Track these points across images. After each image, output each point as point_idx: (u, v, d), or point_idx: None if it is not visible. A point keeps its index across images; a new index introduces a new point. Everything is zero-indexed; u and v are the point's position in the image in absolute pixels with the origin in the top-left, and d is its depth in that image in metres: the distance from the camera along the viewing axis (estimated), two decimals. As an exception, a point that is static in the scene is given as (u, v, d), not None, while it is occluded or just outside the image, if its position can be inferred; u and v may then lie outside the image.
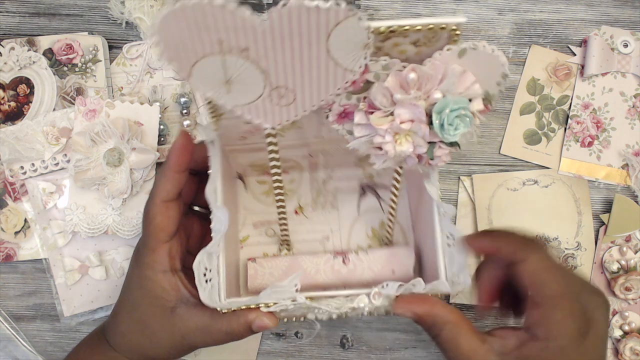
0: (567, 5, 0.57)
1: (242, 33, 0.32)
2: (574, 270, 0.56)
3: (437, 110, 0.35)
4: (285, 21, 0.32)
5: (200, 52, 0.33)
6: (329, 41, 0.33)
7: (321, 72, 0.35)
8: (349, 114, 0.37)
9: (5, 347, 0.57)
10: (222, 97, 0.35)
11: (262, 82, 0.35)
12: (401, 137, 0.36)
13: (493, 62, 0.35)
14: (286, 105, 0.36)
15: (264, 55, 0.33)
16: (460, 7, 0.57)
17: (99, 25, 0.56)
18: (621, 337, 0.57)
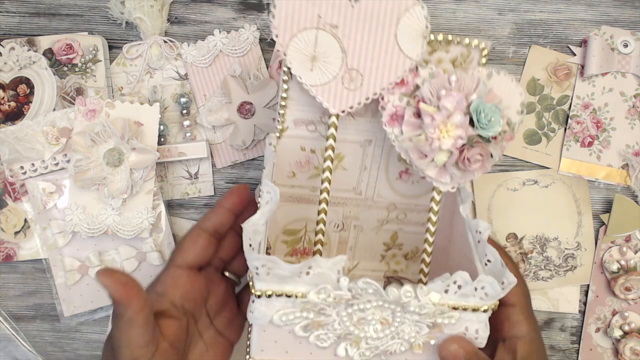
0: (567, 5, 0.57)
1: (337, 11, 0.41)
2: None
3: (474, 107, 0.41)
4: (370, 3, 0.41)
5: (302, 24, 0.41)
6: (398, 26, 0.42)
7: (387, 57, 0.42)
8: (399, 117, 0.43)
9: (5, 347, 0.57)
10: (305, 74, 0.43)
11: (340, 62, 0.42)
12: (444, 131, 0.41)
13: (513, 90, 0.43)
14: (354, 90, 0.43)
15: (348, 34, 0.42)
16: (460, 7, 0.57)
17: (99, 25, 0.56)
18: (621, 337, 0.57)
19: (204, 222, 0.45)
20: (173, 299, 0.43)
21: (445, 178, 0.43)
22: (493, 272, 0.41)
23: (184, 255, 0.44)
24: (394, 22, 0.42)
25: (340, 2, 0.41)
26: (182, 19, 0.56)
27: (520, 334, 0.43)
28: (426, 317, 0.39)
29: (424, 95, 0.42)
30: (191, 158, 0.56)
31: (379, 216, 0.54)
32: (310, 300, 0.37)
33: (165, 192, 0.57)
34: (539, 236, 0.57)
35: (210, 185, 0.57)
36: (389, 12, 0.41)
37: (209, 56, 0.55)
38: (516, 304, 0.44)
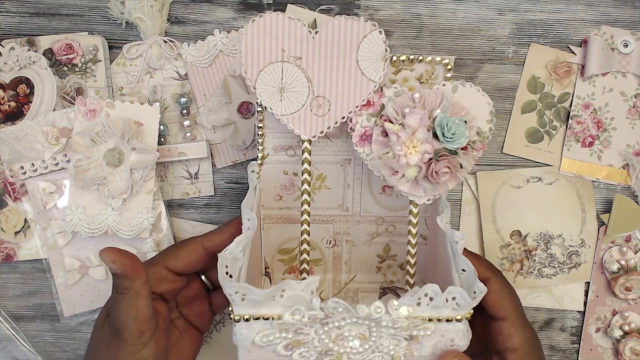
0: (567, 5, 0.57)
1: (299, 43, 0.45)
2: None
3: (438, 122, 0.43)
4: (329, 32, 0.44)
5: (268, 59, 0.45)
6: (359, 52, 0.45)
7: (351, 82, 0.45)
8: (369, 136, 0.45)
9: (5, 347, 0.57)
10: (275, 105, 0.46)
11: (307, 90, 0.45)
12: (410, 147, 0.43)
13: (480, 101, 0.46)
14: (322, 115, 0.46)
15: (312, 64, 0.45)
16: (460, 7, 0.57)
17: (99, 25, 0.56)
18: (621, 337, 0.57)
19: (206, 240, 0.48)
20: (155, 291, 0.46)
21: (419, 191, 0.45)
22: (467, 281, 0.42)
23: (176, 262, 0.47)
24: (354, 48, 0.45)
25: (302, 35, 0.45)
26: (182, 19, 0.56)
27: (513, 346, 0.44)
28: (401, 330, 0.40)
29: (389, 115, 0.44)
30: (191, 158, 0.56)
31: (368, 230, 0.56)
32: (285, 321, 0.39)
33: (165, 192, 0.57)
34: (543, 233, 0.57)
35: (210, 185, 0.57)
36: (349, 39, 0.44)
37: (209, 56, 0.55)
38: (507, 317, 0.45)
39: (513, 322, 0.44)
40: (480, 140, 0.46)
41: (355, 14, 0.56)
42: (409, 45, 0.57)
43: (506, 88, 0.57)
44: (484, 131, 0.46)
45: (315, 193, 0.54)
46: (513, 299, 0.46)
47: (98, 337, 0.44)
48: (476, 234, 0.58)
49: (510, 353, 0.44)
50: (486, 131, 0.46)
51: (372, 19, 0.57)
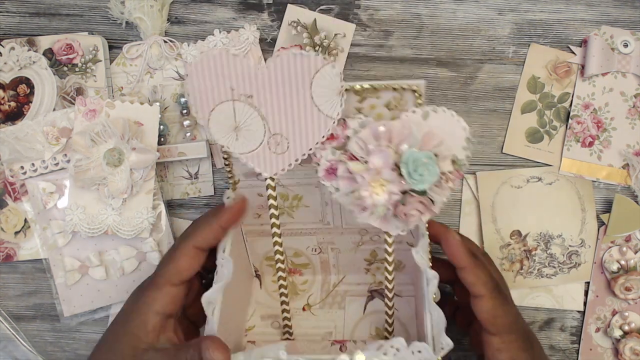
0: (567, 5, 0.57)
1: (248, 80, 0.41)
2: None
3: (404, 160, 0.40)
4: (279, 68, 0.41)
5: (217, 99, 0.42)
6: (312, 88, 0.41)
7: (308, 119, 0.42)
8: (335, 170, 0.42)
9: (5, 347, 0.57)
10: (232, 144, 0.43)
11: (263, 129, 0.43)
12: (377, 187, 0.40)
13: (455, 126, 0.41)
14: (281, 153, 0.44)
15: (264, 101, 0.42)
16: (460, 7, 0.57)
17: (99, 25, 0.56)
18: (621, 337, 0.57)
19: (199, 241, 0.46)
20: (169, 313, 0.46)
21: (390, 227, 0.43)
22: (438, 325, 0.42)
23: (180, 276, 0.46)
24: (306, 84, 0.41)
25: (249, 72, 0.41)
26: (182, 19, 0.56)
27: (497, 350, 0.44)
28: None
29: (353, 151, 0.41)
30: (191, 158, 0.56)
31: (353, 240, 0.56)
32: None
33: (165, 192, 0.57)
34: (543, 233, 0.57)
35: (210, 185, 0.57)
36: (299, 75, 0.41)
37: (209, 56, 0.55)
38: (497, 333, 0.45)
39: (503, 339, 0.45)
40: (456, 168, 0.42)
41: (356, 14, 0.56)
42: (409, 45, 0.57)
43: (506, 88, 0.57)
44: (460, 159, 0.42)
45: (293, 211, 0.54)
46: (507, 317, 0.45)
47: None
48: (476, 234, 0.58)
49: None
50: (462, 159, 0.42)
51: (372, 19, 0.57)
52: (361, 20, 0.57)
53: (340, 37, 0.56)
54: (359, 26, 0.57)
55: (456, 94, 0.57)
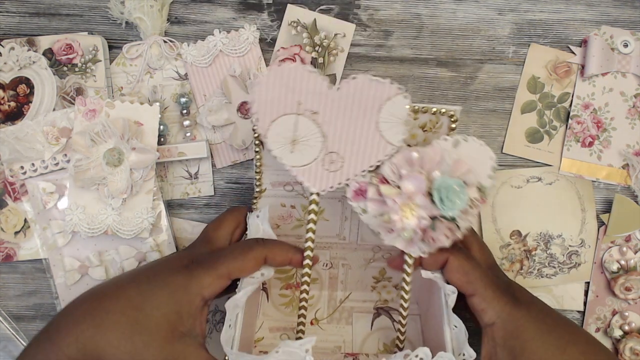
0: (567, 5, 0.57)
1: (317, 98, 0.41)
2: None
3: (436, 186, 0.41)
4: (351, 90, 0.41)
5: (282, 110, 0.42)
6: (380, 114, 0.41)
7: (368, 142, 0.42)
8: (364, 192, 0.43)
9: (5, 347, 0.57)
10: (285, 156, 0.43)
11: (320, 145, 0.43)
12: (407, 211, 0.41)
13: (483, 155, 0.43)
14: (334, 171, 0.43)
15: (329, 120, 0.42)
16: (460, 7, 0.57)
17: (99, 25, 0.56)
18: (621, 337, 0.57)
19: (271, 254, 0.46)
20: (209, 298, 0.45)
21: (414, 249, 0.43)
22: (458, 338, 0.43)
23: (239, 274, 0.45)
24: (375, 110, 0.42)
25: (321, 90, 0.41)
26: (182, 19, 0.56)
27: (490, 321, 0.44)
28: None
29: (386, 175, 0.42)
30: (191, 158, 0.56)
31: (365, 256, 0.57)
32: None
33: (165, 192, 0.57)
34: (543, 233, 0.57)
35: (210, 185, 0.57)
36: (371, 100, 0.41)
37: (208, 56, 0.55)
38: (474, 292, 0.44)
39: (482, 297, 0.44)
40: (481, 195, 0.43)
41: (356, 14, 0.56)
42: (409, 46, 0.57)
43: (506, 88, 0.57)
44: (485, 186, 0.43)
45: None
46: (476, 271, 0.45)
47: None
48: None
49: (490, 328, 0.44)
50: (487, 186, 0.43)
51: (372, 19, 0.57)
52: (361, 20, 0.57)
53: (340, 37, 0.56)
54: (359, 26, 0.57)
55: (456, 94, 0.57)
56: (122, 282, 0.45)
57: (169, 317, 0.42)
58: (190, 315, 0.43)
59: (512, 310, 0.44)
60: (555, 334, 0.44)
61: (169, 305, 0.42)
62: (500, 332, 0.43)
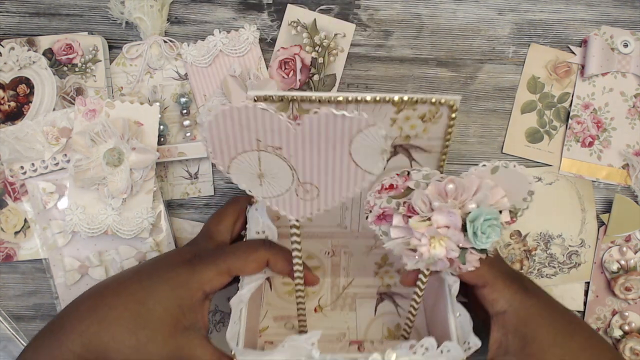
0: (567, 5, 0.57)
1: (277, 134, 0.37)
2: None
3: (471, 219, 0.38)
4: (315, 126, 0.36)
5: (240, 148, 0.38)
6: (351, 146, 0.37)
7: (343, 172, 0.39)
8: (387, 216, 0.41)
9: (5, 347, 0.57)
10: (255, 189, 0.40)
11: (291, 177, 0.40)
12: (436, 242, 0.39)
13: (522, 181, 0.40)
14: (310, 200, 0.41)
15: (294, 154, 0.38)
16: (460, 7, 0.57)
17: (99, 25, 0.56)
18: (621, 337, 0.57)
19: (273, 258, 0.46)
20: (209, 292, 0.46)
21: (436, 267, 0.42)
22: (462, 326, 0.43)
23: (240, 272, 0.46)
24: (345, 142, 0.37)
25: (280, 126, 0.37)
26: (182, 19, 0.56)
27: (502, 309, 0.44)
28: None
29: (416, 206, 0.39)
30: (191, 158, 0.56)
31: (367, 243, 0.56)
32: None
33: (165, 192, 0.57)
34: (543, 233, 0.57)
35: (210, 185, 0.57)
36: (339, 134, 0.37)
37: (209, 56, 0.55)
38: (485, 283, 0.44)
39: (493, 287, 0.44)
40: (511, 216, 0.41)
41: (356, 14, 0.56)
42: (409, 46, 0.57)
43: (506, 88, 0.57)
44: (518, 208, 0.41)
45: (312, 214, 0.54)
46: (485, 263, 0.43)
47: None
48: (476, 234, 0.58)
49: (501, 316, 0.44)
50: (520, 208, 0.41)
51: (372, 19, 0.57)
52: (361, 20, 0.57)
53: (340, 37, 0.56)
54: (359, 26, 0.57)
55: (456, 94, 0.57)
56: (124, 279, 0.45)
57: (171, 311, 0.42)
58: (192, 309, 0.43)
59: (523, 298, 0.45)
60: (562, 321, 0.45)
61: (171, 300, 0.43)
62: (512, 319, 0.44)
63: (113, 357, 0.41)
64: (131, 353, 0.41)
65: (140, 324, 0.42)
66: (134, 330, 0.41)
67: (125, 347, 0.41)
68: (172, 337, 0.42)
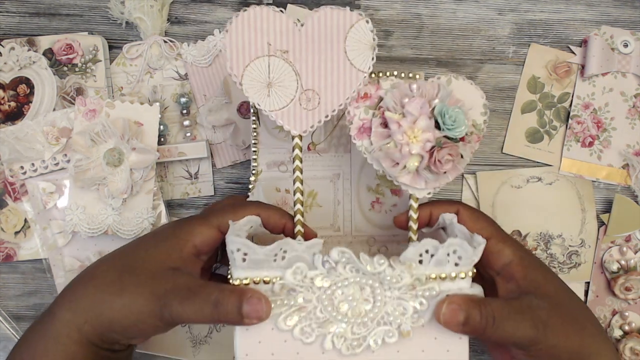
0: (567, 5, 0.57)
1: (285, 37, 0.43)
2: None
3: (438, 110, 0.43)
4: (316, 24, 0.43)
5: (254, 54, 0.43)
6: (346, 42, 0.43)
7: (340, 74, 0.44)
8: (367, 129, 0.44)
9: (6, 347, 0.57)
10: (263, 100, 0.44)
11: (295, 84, 0.44)
12: (411, 136, 0.42)
13: (474, 93, 0.45)
14: (312, 109, 0.44)
15: (299, 57, 0.44)
16: (460, 7, 0.57)
17: (99, 25, 0.56)
18: (621, 337, 0.57)
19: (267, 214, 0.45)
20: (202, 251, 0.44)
21: (420, 183, 0.44)
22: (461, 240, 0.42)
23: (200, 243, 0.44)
24: (341, 39, 0.43)
25: (287, 28, 0.43)
26: (182, 19, 0.56)
27: (508, 259, 0.44)
28: (406, 291, 0.40)
29: (388, 105, 0.43)
30: (191, 158, 0.56)
31: (361, 249, 0.55)
32: (287, 282, 0.39)
33: (165, 192, 0.57)
34: (543, 233, 0.57)
35: (210, 185, 0.57)
36: (335, 30, 0.43)
37: (209, 56, 0.55)
38: (490, 236, 0.44)
39: (497, 238, 0.45)
40: (476, 132, 0.45)
41: (355, 14, 0.56)
42: (409, 45, 0.57)
43: (506, 88, 0.57)
44: (479, 123, 0.46)
45: (307, 212, 0.54)
46: (486, 218, 0.46)
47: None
48: (476, 234, 0.58)
49: (509, 266, 0.44)
50: (481, 123, 0.46)
51: (372, 19, 0.56)
52: (361, 20, 0.57)
53: (340, 37, 0.56)
54: (359, 26, 0.57)
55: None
56: (114, 250, 0.45)
57: (157, 257, 0.41)
58: (181, 257, 0.42)
59: (522, 248, 0.46)
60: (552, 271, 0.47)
61: (158, 248, 0.42)
62: (519, 267, 0.44)
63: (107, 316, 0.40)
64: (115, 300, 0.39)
65: (125, 270, 0.41)
66: (119, 277, 0.40)
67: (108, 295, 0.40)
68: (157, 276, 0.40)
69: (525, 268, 0.44)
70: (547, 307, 0.41)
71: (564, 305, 0.43)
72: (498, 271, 0.45)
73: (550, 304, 0.42)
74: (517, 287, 0.43)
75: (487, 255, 0.44)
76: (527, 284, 0.43)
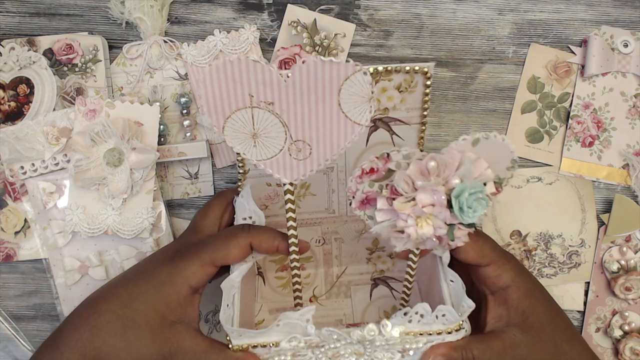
0: (567, 5, 0.57)
1: (269, 88, 0.39)
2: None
3: (456, 194, 0.37)
4: (304, 76, 0.38)
5: (234, 105, 0.39)
6: (340, 94, 0.39)
7: (333, 125, 0.40)
8: (370, 200, 0.41)
9: (6, 347, 0.57)
10: (249, 151, 0.41)
11: (284, 135, 0.41)
12: (422, 221, 0.38)
13: (504, 150, 0.39)
14: (303, 159, 0.42)
15: (286, 109, 0.40)
16: (460, 7, 0.57)
17: (99, 25, 0.56)
18: (621, 337, 0.57)
19: (256, 240, 0.46)
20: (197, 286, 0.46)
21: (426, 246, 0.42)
22: (456, 291, 0.44)
23: (226, 260, 0.46)
24: (334, 92, 0.39)
25: (271, 79, 0.39)
26: (182, 19, 0.56)
27: (506, 284, 0.45)
28: (394, 345, 0.41)
29: (399, 187, 0.39)
30: (191, 158, 0.56)
31: (356, 228, 0.57)
32: (283, 348, 0.41)
33: (165, 192, 0.57)
34: (543, 233, 0.57)
35: (210, 185, 0.57)
36: (327, 83, 0.38)
37: (209, 56, 0.55)
38: (490, 262, 0.45)
39: (497, 265, 0.45)
40: (496, 187, 0.40)
41: (356, 14, 0.56)
42: (409, 45, 0.57)
43: (506, 88, 0.57)
44: (503, 178, 0.40)
45: (300, 200, 0.54)
46: (488, 243, 0.46)
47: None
48: (476, 234, 0.58)
49: (505, 291, 0.45)
50: (505, 178, 0.41)
51: (372, 19, 0.57)
52: (361, 20, 0.57)
53: (340, 37, 0.56)
54: (359, 26, 0.57)
55: (456, 94, 0.57)
56: (112, 284, 0.47)
57: (157, 308, 0.43)
58: (179, 304, 0.44)
59: (521, 273, 0.46)
60: (549, 297, 0.48)
61: (156, 297, 0.44)
62: (515, 294, 0.45)
63: None
64: (122, 355, 0.43)
65: (127, 325, 0.43)
66: (122, 332, 0.43)
67: (116, 350, 0.43)
68: (160, 333, 0.43)
69: (519, 297, 0.45)
70: (528, 343, 0.44)
71: (546, 338, 0.44)
72: (492, 292, 0.46)
73: (532, 339, 0.44)
74: (506, 314, 0.45)
75: (485, 279, 0.46)
76: (516, 315, 0.45)
